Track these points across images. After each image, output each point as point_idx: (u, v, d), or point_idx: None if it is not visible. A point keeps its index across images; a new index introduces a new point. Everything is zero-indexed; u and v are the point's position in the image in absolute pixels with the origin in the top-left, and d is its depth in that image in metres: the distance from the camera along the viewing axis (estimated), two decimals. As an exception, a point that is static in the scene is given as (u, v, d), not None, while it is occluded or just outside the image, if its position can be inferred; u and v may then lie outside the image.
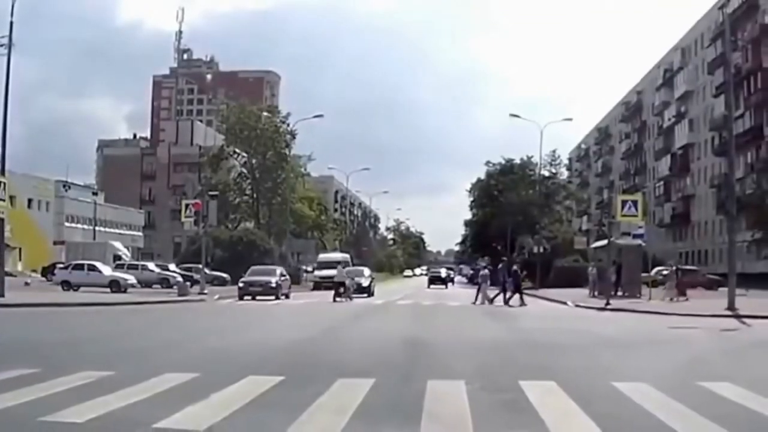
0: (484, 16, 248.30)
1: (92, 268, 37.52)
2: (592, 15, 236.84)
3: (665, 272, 33.37)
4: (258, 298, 30.90)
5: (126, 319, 20.30)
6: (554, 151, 68.52)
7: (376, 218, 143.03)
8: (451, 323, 19.66)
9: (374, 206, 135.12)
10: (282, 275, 34.06)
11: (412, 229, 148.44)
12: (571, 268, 46.97)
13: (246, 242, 53.22)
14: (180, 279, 37.86)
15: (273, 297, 31.02)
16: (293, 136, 64.37)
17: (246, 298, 30.84)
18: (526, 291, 30.67)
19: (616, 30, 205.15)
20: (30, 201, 64.35)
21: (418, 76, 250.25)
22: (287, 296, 32.83)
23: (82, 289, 34.33)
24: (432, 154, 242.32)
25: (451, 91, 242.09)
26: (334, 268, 47.68)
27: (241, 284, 32.18)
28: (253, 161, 64.61)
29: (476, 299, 29.34)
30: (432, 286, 57.73)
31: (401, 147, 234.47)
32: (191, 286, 35.60)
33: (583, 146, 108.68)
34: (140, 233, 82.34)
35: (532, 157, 66.43)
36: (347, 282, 33.42)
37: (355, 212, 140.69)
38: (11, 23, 24.29)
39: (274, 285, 31.77)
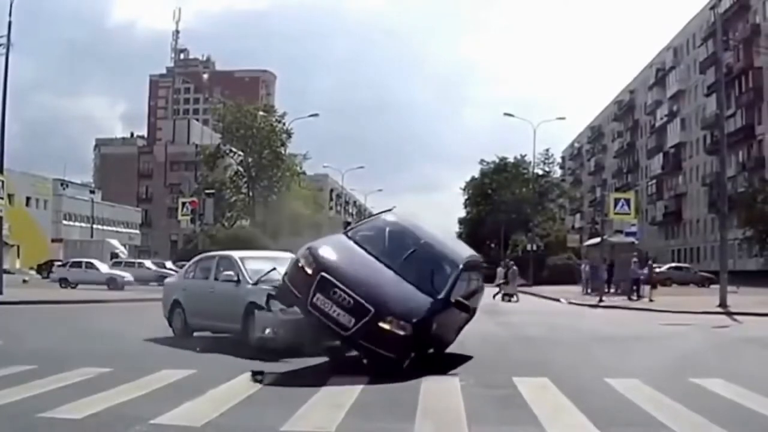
0: (478, 15, 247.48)
1: (90, 265, 37.49)
2: (584, 14, 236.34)
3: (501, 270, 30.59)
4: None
5: (123, 316, 20.29)
6: (547, 150, 68.86)
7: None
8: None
9: (369, 204, 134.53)
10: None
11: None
12: (565, 265, 47.41)
13: (242, 240, 53.05)
14: (177, 276, 37.73)
15: None
16: (289, 135, 64.33)
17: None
18: (519, 288, 30.86)
19: (609, 29, 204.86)
20: (28, 199, 64.33)
21: (413, 76, 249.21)
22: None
23: (79, 286, 34.28)
24: (425, 152, 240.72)
25: (445, 90, 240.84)
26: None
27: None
28: (249, 160, 64.49)
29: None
30: None
31: (395, 145, 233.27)
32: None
33: (576, 145, 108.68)
34: (137, 231, 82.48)
35: (525, 155, 66.79)
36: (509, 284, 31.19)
37: (350, 210, 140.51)
38: (10, 23, 24.21)
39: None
